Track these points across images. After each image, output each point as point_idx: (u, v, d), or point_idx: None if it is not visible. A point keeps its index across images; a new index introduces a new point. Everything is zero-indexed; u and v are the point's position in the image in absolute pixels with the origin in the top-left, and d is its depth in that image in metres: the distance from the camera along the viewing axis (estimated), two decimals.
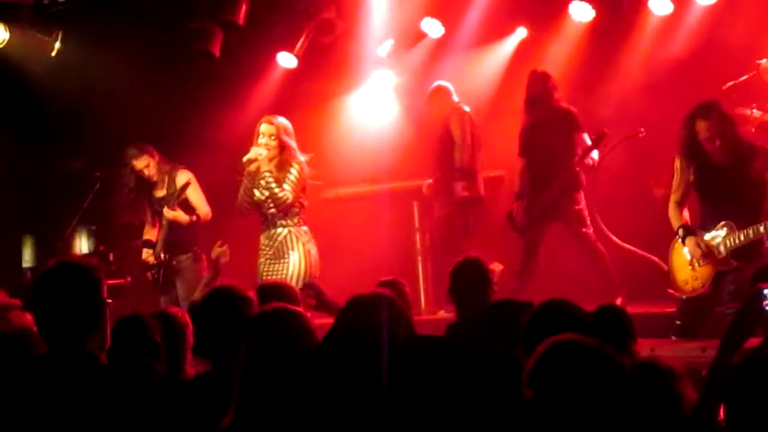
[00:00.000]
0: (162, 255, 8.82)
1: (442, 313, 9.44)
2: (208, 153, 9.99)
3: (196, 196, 8.88)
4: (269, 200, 7.92)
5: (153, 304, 8.60)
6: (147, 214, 9.10)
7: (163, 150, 9.06)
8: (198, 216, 8.78)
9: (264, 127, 7.95)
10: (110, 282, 9.74)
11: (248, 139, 8.17)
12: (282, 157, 7.93)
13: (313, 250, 7.97)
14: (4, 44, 10.12)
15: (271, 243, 7.95)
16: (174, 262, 8.85)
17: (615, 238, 9.30)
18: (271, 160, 7.92)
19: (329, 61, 11.02)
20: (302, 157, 8.00)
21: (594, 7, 9.92)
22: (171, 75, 11.07)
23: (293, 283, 7.20)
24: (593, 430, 3.01)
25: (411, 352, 3.59)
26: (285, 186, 7.85)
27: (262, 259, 7.99)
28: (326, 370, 3.51)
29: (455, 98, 9.95)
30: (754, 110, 8.80)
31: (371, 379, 3.42)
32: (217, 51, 10.42)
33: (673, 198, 7.21)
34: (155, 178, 8.91)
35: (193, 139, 10.68)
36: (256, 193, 7.93)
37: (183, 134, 10.80)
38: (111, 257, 10.59)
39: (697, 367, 4.75)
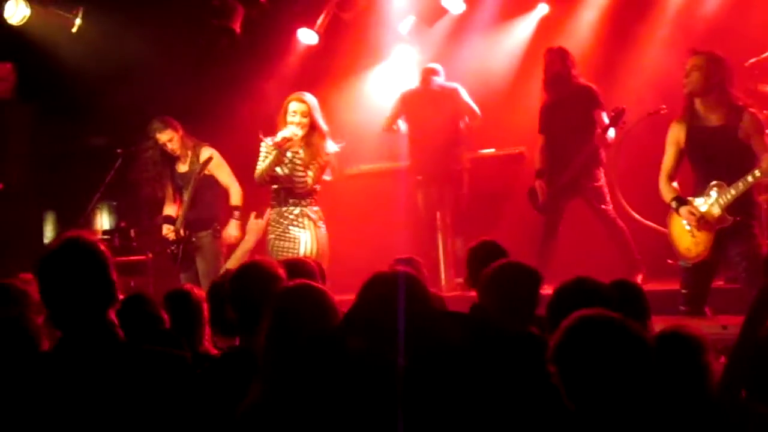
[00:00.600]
0: (182, 231, 8.80)
1: (459, 280, 9.38)
2: (228, 130, 10.00)
3: (225, 174, 8.89)
4: (288, 179, 7.91)
5: (175, 281, 8.64)
6: (168, 188, 9.11)
7: (184, 127, 9.05)
8: (237, 207, 8.81)
9: (296, 105, 7.89)
10: (132, 259, 9.92)
11: (270, 116, 8.15)
12: (312, 137, 7.89)
13: (323, 230, 7.97)
14: (25, 21, 10.15)
15: (281, 220, 7.95)
16: (193, 239, 8.83)
17: (636, 215, 9.30)
18: (301, 139, 7.90)
19: (350, 38, 11.00)
20: (334, 146, 7.99)
21: None
22: (192, 52, 11.07)
23: None
24: (619, 404, 3.00)
25: (432, 329, 3.59)
26: (309, 172, 7.85)
27: (272, 236, 7.99)
28: (345, 348, 3.51)
29: (436, 79, 9.97)
30: None
31: (387, 357, 3.41)
32: (238, 28, 10.41)
33: (664, 170, 7.29)
34: (178, 152, 8.89)
35: (213, 116, 10.68)
36: (278, 168, 7.91)
37: (204, 111, 10.80)
38: (132, 233, 10.62)
39: (715, 345, 4.75)
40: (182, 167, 8.92)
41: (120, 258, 8.95)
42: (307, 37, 10.68)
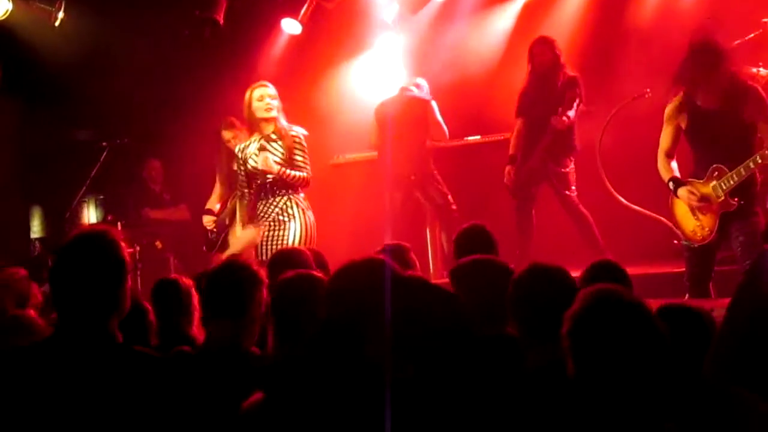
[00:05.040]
0: (226, 220, 9.00)
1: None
2: (213, 121, 9.97)
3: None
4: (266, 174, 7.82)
5: (162, 273, 8.66)
6: (219, 183, 9.25)
7: (168, 118, 9.04)
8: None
9: (261, 90, 7.76)
10: None
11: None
12: (280, 123, 7.81)
13: (312, 217, 7.88)
14: (7, 15, 10.11)
15: (269, 211, 7.86)
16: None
17: (623, 199, 9.29)
18: (276, 127, 7.80)
19: (334, 27, 10.98)
20: (301, 129, 7.91)
21: None
22: (176, 43, 11.05)
23: None
24: (628, 382, 2.95)
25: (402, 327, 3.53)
26: (299, 164, 7.76)
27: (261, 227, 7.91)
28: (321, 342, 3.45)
29: (411, 89, 9.97)
30: (761, 69, 8.74)
31: (354, 347, 3.35)
32: (221, 18, 10.39)
33: (662, 149, 7.22)
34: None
35: (197, 106, 10.67)
36: (251, 162, 7.82)
37: (188, 102, 10.78)
38: (119, 226, 10.61)
39: None
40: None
41: None
42: (290, 26, 10.65)
